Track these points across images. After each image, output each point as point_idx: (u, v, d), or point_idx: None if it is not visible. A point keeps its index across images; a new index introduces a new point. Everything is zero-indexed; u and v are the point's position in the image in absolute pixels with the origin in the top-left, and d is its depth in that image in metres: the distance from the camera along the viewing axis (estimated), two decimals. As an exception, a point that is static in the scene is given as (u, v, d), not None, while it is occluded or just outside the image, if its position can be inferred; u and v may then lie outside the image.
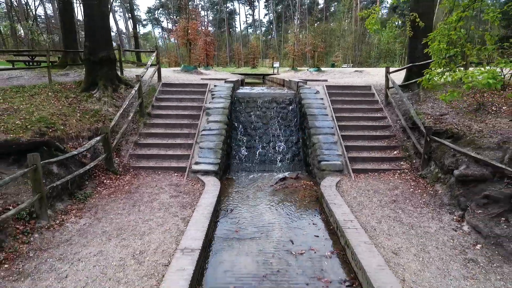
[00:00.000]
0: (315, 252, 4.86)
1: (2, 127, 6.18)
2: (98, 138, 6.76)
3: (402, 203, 6.13)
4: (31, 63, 15.62)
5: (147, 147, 8.14)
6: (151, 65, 10.63)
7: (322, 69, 19.92)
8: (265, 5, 70.50)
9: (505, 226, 4.68)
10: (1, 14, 39.40)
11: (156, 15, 71.84)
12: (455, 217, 5.46)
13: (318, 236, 5.34)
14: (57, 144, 5.92)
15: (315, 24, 51.28)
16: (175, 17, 60.94)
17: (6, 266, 4.05)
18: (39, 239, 4.68)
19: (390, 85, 9.50)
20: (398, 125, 8.76)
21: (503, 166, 5.05)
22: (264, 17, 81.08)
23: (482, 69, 4.88)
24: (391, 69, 9.85)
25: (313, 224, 5.79)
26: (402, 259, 4.35)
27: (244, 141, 9.26)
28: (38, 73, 12.94)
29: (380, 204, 6.07)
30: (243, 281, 4.17)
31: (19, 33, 35.71)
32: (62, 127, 7.08)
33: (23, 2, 34.85)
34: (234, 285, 4.09)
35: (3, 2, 34.79)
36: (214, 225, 5.64)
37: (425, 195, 6.40)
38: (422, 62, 9.34)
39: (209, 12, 69.17)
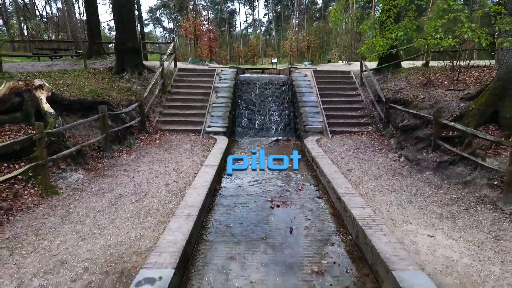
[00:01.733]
0: (295, 174, 7.05)
1: (68, 93, 8.37)
2: (136, 104, 8.95)
3: (362, 149, 8.33)
4: (53, 57, 17.85)
5: (170, 116, 10.33)
6: (169, 54, 12.83)
7: (317, 65, 22.12)
8: (264, 5, 72.53)
9: (424, 154, 6.90)
10: (10, 14, 41.42)
11: (158, 15, 73.88)
12: (396, 155, 7.66)
13: (299, 165, 7.51)
14: (111, 104, 8.10)
15: (314, 24, 53.48)
16: (176, 17, 63.07)
17: (93, 172, 6.26)
18: (107, 162, 6.89)
19: (364, 69, 11.69)
20: (368, 100, 10.95)
21: (428, 115, 7.25)
22: (263, 17, 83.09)
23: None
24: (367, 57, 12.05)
25: (299, 161, 7.97)
26: (352, 172, 6.55)
27: (246, 114, 11.44)
28: (68, 63, 15.11)
29: (346, 150, 8.26)
30: (246, 182, 6.36)
31: (30, 31, 37.70)
32: (107, 97, 9.26)
33: (31, 2, 36.87)
34: (239, 183, 6.29)
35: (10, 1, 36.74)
36: (224, 159, 7.80)
37: (381, 145, 8.60)
38: (391, 50, 11.55)
39: (210, 12, 71.33)
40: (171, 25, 69.59)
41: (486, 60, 11.90)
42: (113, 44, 13.41)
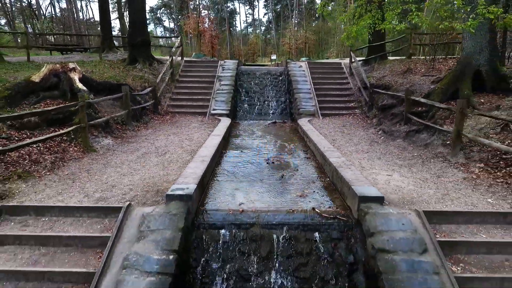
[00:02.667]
0: (289, 144, 8.30)
1: (92, 77, 9.60)
2: (149, 88, 10.21)
3: (347, 127, 9.58)
4: (64, 51, 19.08)
5: (178, 101, 11.58)
6: (177, 46, 14.07)
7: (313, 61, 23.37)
8: (264, 5, 73.73)
9: (397, 126, 8.16)
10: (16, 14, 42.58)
11: (158, 15, 75.04)
12: (376, 129, 8.92)
13: (292, 139, 8.76)
14: (130, 87, 9.35)
15: (313, 24, 54.72)
16: (177, 16, 64.28)
17: (119, 140, 7.53)
18: (129, 133, 8.15)
19: (353, 60, 12.95)
20: (356, 87, 12.20)
21: (401, 95, 8.50)
22: (263, 16, 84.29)
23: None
24: (356, 50, 13.30)
25: (292, 137, 9.22)
26: (336, 141, 7.80)
27: (246, 100, 12.69)
28: (82, 56, 16.35)
29: (333, 127, 9.52)
30: (247, 149, 7.61)
31: (37, 30, 38.88)
32: (125, 83, 10.50)
33: (37, 2, 38.06)
34: (242, 149, 7.54)
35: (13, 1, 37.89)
36: (228, 133, 9.03)
37: (364, 124, 9.86)
38: (375, 43, 12.83)
39: (210, 12, 72.51)
40: (172, 25, 70.82)
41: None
42: (120, 41, 14.64)
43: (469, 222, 4.01)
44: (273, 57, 31.59)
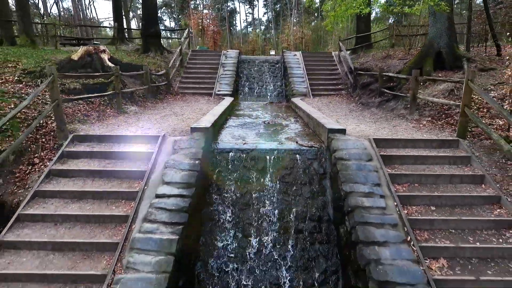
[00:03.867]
0: (282, 114, 9.91)
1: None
2: (163, 71, 11.82)
3: (333, 103, 11.20)
4: (76, 45, 20.65)
5: (187, 83, 13.19)
6: (185, 37, 15.68)
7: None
8: (264, 4, 75.20)
9: (373, 99, 9.79)
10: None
11: (160, 14, 76.49)
12: (356, 103, 10.54)
13: (286, 112, 10.38)
14: (149, 68, 10.96)
15: (312, 23, 56.29)
16: (178, 16, 65.82)
17: (143, 108, 9.15)
18: (150, 105, 9.77)
19: (341, 50, 14.57)
20: (344, 72, 13.81)
21: (376, 73, 10.12)
22: (263, 16, 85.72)
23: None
24: (344, 39, 14.92)
25: (286, 111, 10.83)
26: (321, 110, 9.42)
27: (247, 84, 14.30)
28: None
29: (321, 103, 11.13)
30: (247, 117, 9.22)
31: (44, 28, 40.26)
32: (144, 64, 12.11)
33: (43, 2, 39.58)
34: (244, 117, 9.16)
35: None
36: (232, 107, 10.62)
37: (348, 101, 11.47)
38: (362, 34, 14.45)
39: (211, 11, 74.01)
40: (173, 24, 72.47)
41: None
42: (126, 35, 16.22)
43: (405, 146, 5.64)
44: (272, 53, 33.20)
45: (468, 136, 5.83)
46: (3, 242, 4.06)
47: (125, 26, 21.19)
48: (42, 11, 39.50)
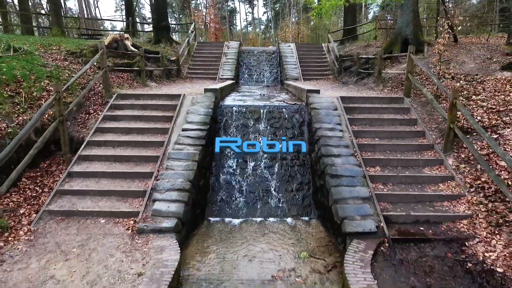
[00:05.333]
0: (276, 91, 11.84)
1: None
2: (175, 57, 13.75)
3: (320, 84, 13.12)
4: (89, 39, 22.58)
5: (194, 69, 15.12)
6: (191, 31, 17.62)
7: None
8: (263, 3, 77.09)
9: (351, 79, 11.73)
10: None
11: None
12: (339, 83, 12.46)
13: (280, 91, 12.30)
14: (165, 55, 12.90)
15: (311, 23, 58.24)
16: (179, 16, 67.75)
17: (160, 85, 11.09)
18: (165, 83, 11.71)
19: (330, 41, 16.50)
20: (331, 61, 15.74)
21: (355, 57, 12.04)
22: (263, 15, 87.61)
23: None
24: (333, 31, 16.84)
25: (280, 91, 12.74)
26: (309, 86, 11.34)
27: (246, 72, 16.22)
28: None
29: (310, 84, 13.04)
30: (247, 93, 11.14)
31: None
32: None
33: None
34: (244, 93, 11.09)
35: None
36: (233, 87, 12.53)
37: (333, 83, 13.40)
38: (349, 27, 16.39)
39: (212, 9, 75.89)
40: (173, 23, 74.34)
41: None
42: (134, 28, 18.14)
43: (364, 102, 7.58)
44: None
45: (412, 96, 7.76)
46: (80, 155, 6.00)
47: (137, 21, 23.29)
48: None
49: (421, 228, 4.87)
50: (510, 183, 4.88)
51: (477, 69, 8.40)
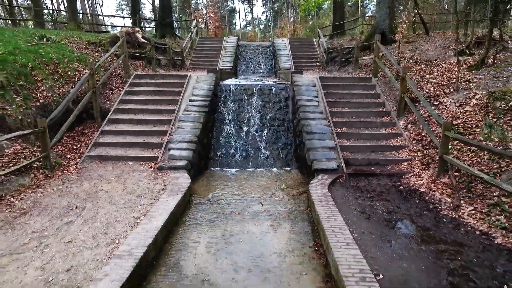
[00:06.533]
0: (272, 80, 13.41)
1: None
2: (179, 50, 15.33)
3: (309, 73, 14.69)
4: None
5: (196, 61, 16.69)
6: (193, 26, 19.19)
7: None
8: (263, 3, 78.63)
9: (336, 67, 13.32)
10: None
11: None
12: (324, 72, 14.04)
13: (274, 80, 13.87)
14: (170, 47, 14.49)
15: (310, 22, 59.76)
16: (179, 15, 69.28)
17: (167, 71, 12.66)
18: (172, 71, 13.27)
19: (320, 36, 18.09)
20: (321, 54, 17.31)
21: (339, 48, 13.62)
22: (262, 15, 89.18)
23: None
24: (323, 27, 18.43)
25: (273, 78, 14.32)
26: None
27: (244, 63, 17.80)
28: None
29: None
30: (244, 79, 12.72)
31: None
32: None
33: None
34: (241, 79, 12.66)
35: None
36: (231, 74, 14.11)
37: (322, 72, 14.98)
38: (338, 23, 17.97)
39: (211, 10, 77.43)
40: (174, 23, 76.06)
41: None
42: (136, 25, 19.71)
43: (339, 81, 9.15)
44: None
45: (379, 76, 9.34)
46: (109, 119, 7.58)
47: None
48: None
49: (372, 168, 6.44)
50: (440, 135, 6.46)
51: (436, 55, 9.98)
